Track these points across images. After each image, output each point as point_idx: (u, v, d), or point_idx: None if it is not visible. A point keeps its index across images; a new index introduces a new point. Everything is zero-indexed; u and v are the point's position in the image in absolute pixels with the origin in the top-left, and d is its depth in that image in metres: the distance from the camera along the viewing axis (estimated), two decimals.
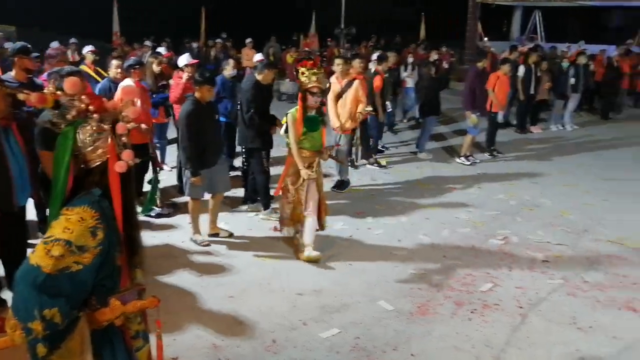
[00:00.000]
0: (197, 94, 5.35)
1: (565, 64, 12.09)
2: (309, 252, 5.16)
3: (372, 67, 9.13)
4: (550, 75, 11.70)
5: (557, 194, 7.48)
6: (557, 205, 7.00)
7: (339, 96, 7.33)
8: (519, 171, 8.62)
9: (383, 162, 8.83)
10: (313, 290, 4.64)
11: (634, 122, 13.23)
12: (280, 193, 5.45)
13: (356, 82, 7.30)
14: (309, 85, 5.04)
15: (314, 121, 5.11)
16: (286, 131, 5.21)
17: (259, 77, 6.23)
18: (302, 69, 5.09)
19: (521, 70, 11.01)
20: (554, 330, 4.08)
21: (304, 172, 5.13)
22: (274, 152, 6.59)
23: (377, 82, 8.59)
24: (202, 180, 5.32)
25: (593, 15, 23.17)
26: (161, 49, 9.87)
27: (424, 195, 7.29)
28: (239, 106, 6.49)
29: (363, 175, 8.16)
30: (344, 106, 7.29)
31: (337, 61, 7.55)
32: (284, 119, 5.25)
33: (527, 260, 5.32)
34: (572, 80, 11.72)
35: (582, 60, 12.07)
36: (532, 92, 11.20)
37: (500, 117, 9.53)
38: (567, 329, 4.11)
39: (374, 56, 10.44)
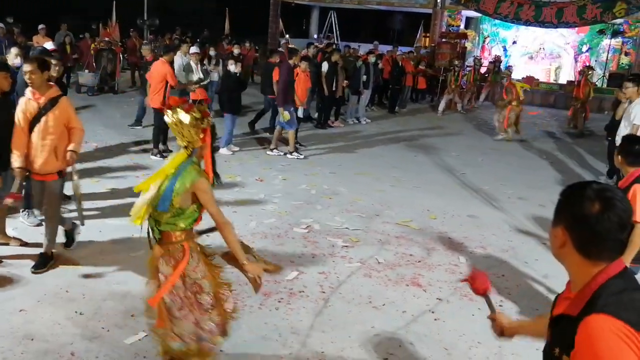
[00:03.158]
0: None
1: (358, 62, 13.07)
2: None
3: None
4: (345, 72, 12.56)
5: (351, 182, 8.09)
6: (352, 192, 7.56)
7: (34, 120, 4.63)
8: (319, 162, 9.14)
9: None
10: (119, 294, 4.40)
11: (414, 116, 14.91)
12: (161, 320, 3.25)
13: (63, 101, 4.72)
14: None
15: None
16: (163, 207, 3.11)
17: None
18: (196, 114, 3.13)
19: (325, 66, 11.62)
20: (353, 311, 4.42)
21: (258, 269, 3.27)
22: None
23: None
24: None
25: (380, 18, 25.39)
26: None
27: (231, 189, 7.33)
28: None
29: None
30: (42, 137, 4.63)
31: (27, 67, 4.57)
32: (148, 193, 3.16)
33: (328, 246, 5.67)
34: (364, 77, 12.74)
35: (371, 59, 13.21)
36: (333, 88, 11.91)
37: (300, 113, 9.93)
38: (364, 308, 4.48)
39: (192, 49, 10.33)
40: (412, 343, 4.01)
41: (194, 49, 10.33)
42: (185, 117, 3.08)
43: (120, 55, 14.94)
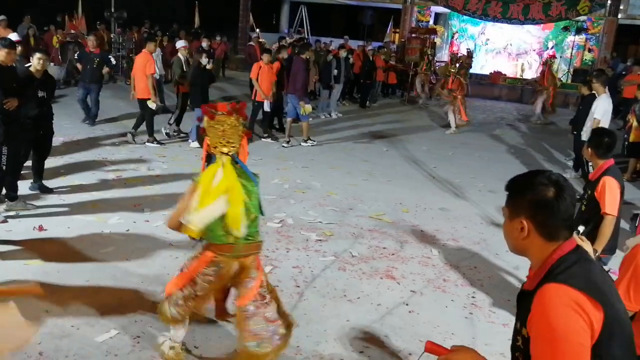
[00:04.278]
0: None
1: (329, 57, 13.05)
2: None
3: None
4: (317, 67, 12.54)
5: (324, 176, 8.08)
6: (325, 186, 7.55)
7: None
8: (291, 156, 9.10)
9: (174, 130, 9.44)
10: (89, 291, 4.30)
11: (385, 110, 14.97)
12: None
13: None
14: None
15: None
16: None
17: None
18: (242, 117, 3.28)
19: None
20: (327, 305, 4.40)
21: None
22: None
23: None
24: None
25: (351, 13, 25.42)
26: None
27: None
28: None
29: (140, 165, 7.80)
30: None
31: None
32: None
33: (302, 240, 5.64)
34: (335, 72, 12.73)
35: (343, 53, 13.21)
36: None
37: (266, 106, 9.81)
38: (339, 302, 4.47)
39: (179, 43, 10.34)
40: (387, 335, 4.03)
41: (182, 43, 10.33)
42: (235, 122, 3.13)
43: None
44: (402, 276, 5.01)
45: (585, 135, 7.66)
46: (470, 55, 18.37)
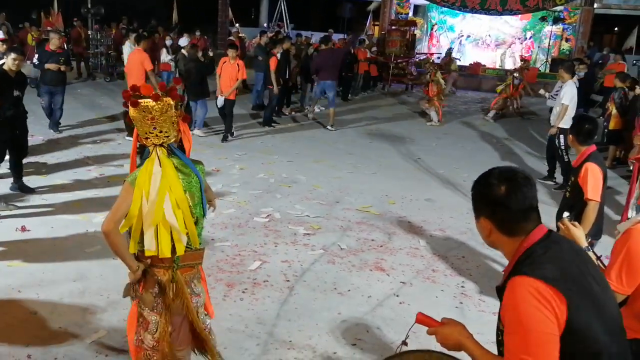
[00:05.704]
0: None
1: (310, 50, 13.00)
2: None
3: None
4: (298, 60, 12.49)
5: (309, 169, 8.06)
6: (310, 180, 7.54)
7: None
8: (276, 151, 9.06)
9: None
10: (76, 292, 4.24)
11: (367, 102, 14.98)
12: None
13: None
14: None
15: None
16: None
17: None
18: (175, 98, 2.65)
19: (278, 55, 11.47)
20: (318, 298, 4.40)
21: None
22: None
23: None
24: None
25: (330, 6, 25.38)
26: None
27: None
28: None
29: (122, 163, 7.70)
30: None
31: None
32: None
33: (290, 235, 5.62)
34: None
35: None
36: (286, 76, 11.80)
37: (219, 102, 9.57)
38: (330, 295, 4.47)
39: (183, 41, 10.21)
40: (379, 327, 4.03)
41: (186, 40, 10.30)
42: (166, 107, 2.58)
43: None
44: (392, 268, 5.02)
45: (552, 120, 7.78)
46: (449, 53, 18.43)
